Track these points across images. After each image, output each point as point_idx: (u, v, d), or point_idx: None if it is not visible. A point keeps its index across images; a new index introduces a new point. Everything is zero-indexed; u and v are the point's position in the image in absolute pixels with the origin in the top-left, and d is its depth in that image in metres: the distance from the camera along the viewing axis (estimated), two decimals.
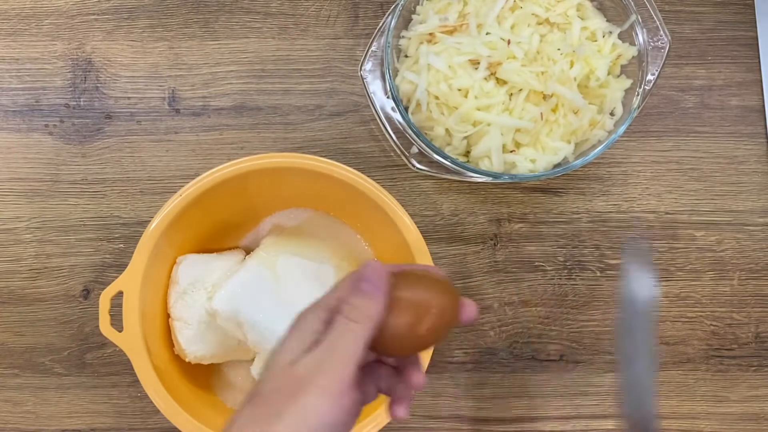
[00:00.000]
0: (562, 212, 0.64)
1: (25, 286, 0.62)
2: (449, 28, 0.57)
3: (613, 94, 0.59)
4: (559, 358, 0.63)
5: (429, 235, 0.63)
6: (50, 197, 0.63)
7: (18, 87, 0.64)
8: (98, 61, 0.65)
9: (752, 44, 0.67)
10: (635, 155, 0.65)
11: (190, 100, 0.64)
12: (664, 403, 0.63)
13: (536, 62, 0.56)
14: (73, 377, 0.61)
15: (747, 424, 0.63)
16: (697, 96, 0.66)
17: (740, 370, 0.63)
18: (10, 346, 0.62)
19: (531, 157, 0.57)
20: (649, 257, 0.40)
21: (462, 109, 0.56)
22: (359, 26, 0.66)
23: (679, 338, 0.63)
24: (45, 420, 0.61)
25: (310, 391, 0.33)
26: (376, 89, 0.60)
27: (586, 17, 0.60)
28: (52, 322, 0.62)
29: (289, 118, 0.65)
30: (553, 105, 0.57)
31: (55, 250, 0.62)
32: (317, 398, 0.33)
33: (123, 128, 0.64)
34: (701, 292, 0.64)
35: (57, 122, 0.64)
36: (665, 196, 0.65)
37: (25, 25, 0.65)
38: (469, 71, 0.56)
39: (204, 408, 0.55)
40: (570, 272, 0.64)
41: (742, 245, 0.64)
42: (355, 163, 0.63)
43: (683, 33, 0.67)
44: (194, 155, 0.64)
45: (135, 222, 0.63)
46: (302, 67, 0.65)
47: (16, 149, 0.64)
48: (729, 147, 0.66)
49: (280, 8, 0.66)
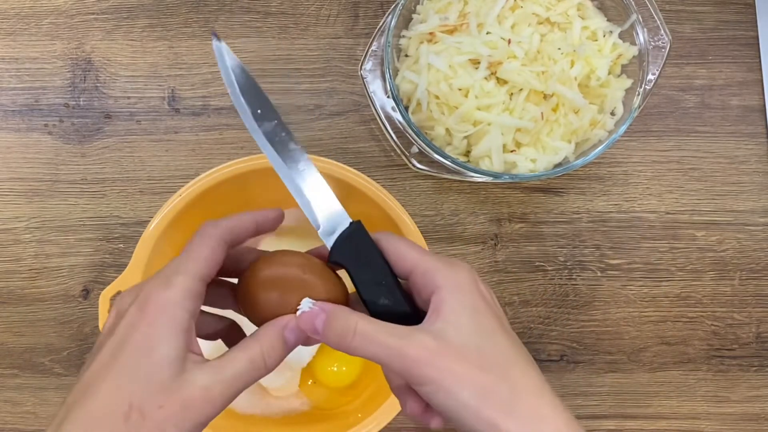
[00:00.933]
0: (562, 212, 0.64)
1: (24, 286, 0.62)
2: (449, 27, 0.57)
3: (613, 94, 0.59)
4: (559, 358, 0.63)
5: (429, 235, 0.63)
6: (50, 197, 0.63)
7: (17, 87, 0.64)
8: (98, 61, 0.65)
9: (753, 44, 0.67)
10: (636, 155, 0.65)
11: (189, 99, 0.64)
12: (664, 403, 0.63)
13: (537, 62, 0.56)
14: (73, 377, 0.61)
15: (748, 424, 0.63)
16: (697, 96, 0.66)
17: (741, 370, 0.63)
18: (9, 347, 0.61)
19: (531, 156, 0.57)
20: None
21: (462, 108, 0.55)
22: (359, 26, 0.66)
23: (679, 338, 0.63)
24: (45, 420, 0.61)
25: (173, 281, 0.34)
26: (376, 89, 0.60)
27: (587, 17, 0.60)
28: (51, 322, 0.62)
29: (289, 118, 0.64)
30: (553, 105, 0.56)
31: (54, 250, 0.62)
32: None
33: (122, 128, 0.64)
34: (702, 292, 0.64)
35: (56, 122, 0.64)
36: (666, 195, 0.65)
37: (24, 24, 0.65)
38: (469, 71, 0.56)
39: None
40: (570, 272, 0.64)
41: (742, 245, 0.64)
42: (355, 163, 0.63)
43: (684, 32, 0.67)
44: (194, 155, 0.64)
45: (134, 222, 0.63)
46: (302, 67, 0.65)
47: (15, 149, 0.64)
48: (730, 147, 0.66)
49: (280, 8, 0.66)
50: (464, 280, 0.36)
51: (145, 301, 0.33)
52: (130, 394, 0.31)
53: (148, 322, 0.33)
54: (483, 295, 0.36)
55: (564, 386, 0.63)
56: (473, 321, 0.35)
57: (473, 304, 0.35)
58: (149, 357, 0.32)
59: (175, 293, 0.33)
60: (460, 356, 0.33)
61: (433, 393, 0.33)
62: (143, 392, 0.31)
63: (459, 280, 0.35)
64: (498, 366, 0.34)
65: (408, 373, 0.34)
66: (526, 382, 0.34)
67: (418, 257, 0.36)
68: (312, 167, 0.39)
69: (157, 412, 0.31)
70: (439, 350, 0.33)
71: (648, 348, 0.63)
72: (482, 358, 0.34)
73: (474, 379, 0.33)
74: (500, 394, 0.33)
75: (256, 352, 0.34)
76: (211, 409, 0.33)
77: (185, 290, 0.34)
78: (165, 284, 0.34)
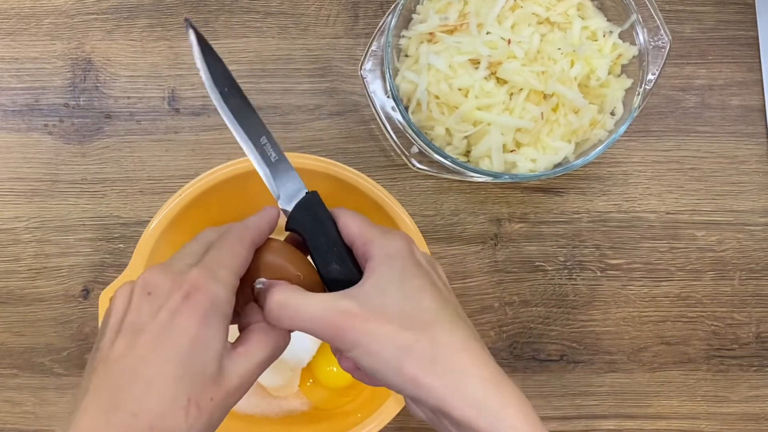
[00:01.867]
0: (562, 212, 0.64)
1: (24, 286, 0.62)
2: (449, 27, 0.57)
3: (613, 94, 0.59)
4: (559, 358, 0.63)
5: (429, 235, 0.63)
6: (49, 197, 0.63)
7: (17, 87, 0.64)
8: (98, 61, 0.65)
9: (753, 44, 0.67)
10: (636, 155, 0.65)
11: (189, 99, 0.64)
12: (664, 403, 0.63)
13: (537, 62, 0.56)
14: (73, 377, 0.61)
15: (748, 424, 0.63)
16: (697, 96, 0.66)
17: (741, 370, 0.63)
18: (9, 346, 0.61)
19: (531, 156, 0.57)
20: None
21: (462, 108, 0.55)
22: (359, 26, 0.66)
23: (679, 338, 0.63)
24: (44, 420, 0.61)
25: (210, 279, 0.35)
26: (376, 89, 0.60)
27: (587, 17, 0.60)
28: (51, 322, 0.62)
29: (288, 118, 0.64)
30: (553, 105, 0.56)
31: (54, 250, 0.62)
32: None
33: (122, 128, 0.64)
34: (702, 292, 0.64)
35: (56, 122, 0.64)
36: (666, 195, 0.65)
37: (24, 24, 0.65)
38: (469, 71, 0.56)
39: None
40: (570, 272, 0.64)
41: (742, 245, 0.64)
42: (355, 163, 0.63)
43: (684, 32, 0.67)
44: (194, 155, 0.64)
45: (134, 222, 0.63)
46: (302, 67, 0.65)
47: (15, 149, 0.64)
48: (730, 147, 0.66)
49: (280, 8, 0.66)
50: (396, 248, 0.38)
51: (195, 290, 0.34)
52: (189, 389, 0.33)
53: (201, 317, 0.34)
54: (416, 261, 0.38)
55: (564, 386, 0.63)
56: (399, 285, 0.36)
57: (402, 268, 0.37)
58: (205, 354, 0.34)
59: (224, 289, 0.35)
60: (382, 318, 0.35)
61: (359, 357, 0.35)
62: (200, 387, 0.33)
63: (391, 249, 0.38)
64: (421, 324, 0.35)
65: (336, 341, 0.36)
66: (449, 338, 0.35)
67: (360, 228, 0.39)
68: (272, 140, 0.41)
69: (209, 404, 0.33)
70: (362, 314, 0.35)
71: (648, 348, 0.63)
72: (404, 319, 0.35)
73: (395, 339, 0.35)
74: (421, 351, 0.34)
75: (276, 335, 0.37)
76: (244, 393, 0.36)
77: (231, 286, 0.36)
78: (213, 277, 0.35)
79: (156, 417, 0.32)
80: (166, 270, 0.36)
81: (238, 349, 0.36)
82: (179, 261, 0.36)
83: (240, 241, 0.38)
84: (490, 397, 0.34)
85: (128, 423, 0.32)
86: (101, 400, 0.32)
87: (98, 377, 0.33)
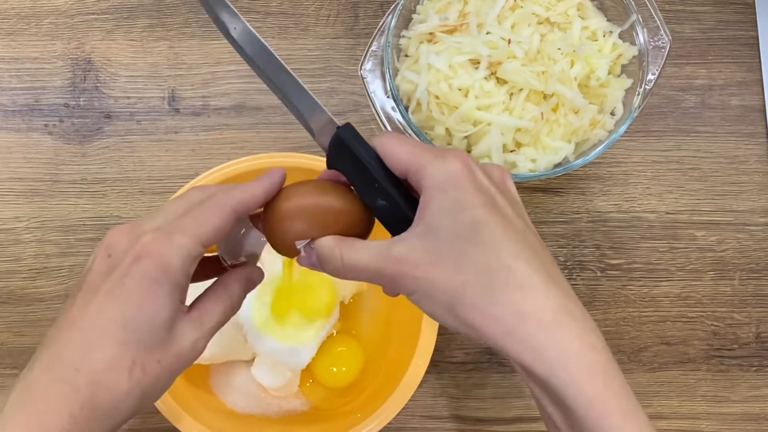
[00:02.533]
0: (562, 212, 0.64)
1: (24, 286, 0.62)
2: (449, 27, 0.57)
3: (613, 94, 0.59)
4: None
5: None
6: (50, 197, 0.63)
7: (17, 87, 0.64)
8: (98, 61, 0.65)
9: (753, 44, 0.67)
10: (636, 155, 0.65)
11: (190, 99, 0.64)
12: (664, 404, 0.63)
13: (536, 62, 0.56)
14: None
15: (748, 424, 0.63)
16: (697, 96, 0.66)
17: (741, 370, 0.63)
18: (9, 346, 0.61)
19: (531, 156, 0.57)
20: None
21: (462, 108, 0.55)
22: (359, 26, 0.66)
23: (679, 338, 0.63)
24: None
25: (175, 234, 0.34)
26: (376, 89, 0.60)
27: (587, 17, 0.60)
28: (51, 322, 0.61)
29: (289, 118, 0.64)
30: (553, 105, 0.56)
31: (54, 250, 0.62)
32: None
33: (122, 128, 0.64)
34: (702, 292, 0.64)
35: (56, 122, 0.64)
36: (666, 195, 0.65)
37: (24, 24, 0.65)
38: (469, 71, 0.56)
39: (203, 408, 0.55)
40: (570, 272, 0.64)
41: (742, 245, 0.64)
42: None
43: (684, 33, 0.67)
44: (194, 155, 0.64)
45: None
46: (302, 67, 0.65)
47: (15, 149, 0.64)
48: (730, 147, 0.66)
49: (280, 8, 0.66)
50: (449, 174, 0.33)
51: (145, 255, 0.33)
52: (135, 351, 0.33)
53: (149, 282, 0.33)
54: (476, 185, 0.34)
55: None
56: (452, 220, 0.33)
57: (456, 200, 0.33)
58: (150, 321, 0.33)
59: (178, 256, 0.34)
60: (436, 261, 0.33)
61: (417, 301, 0.34)
62: (145, 350, 0.33)
63: (443, 176, 0.33)
64: (476, 265, 0.32)
65: (394, 288, 0.35)
66: (507, 277, 0.32)
67: (408, 155, 0.35)
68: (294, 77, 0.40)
69: (155, 366, 0.34)
70: (413, 260, 0.33)
71: (648, 348, 0.63)
72: (459, 259, 0.33)
73: (448, 283, 0.33)
74: (476, 295, 0.32)
75: (227, 304, 0.37)
76: (195, 358, 0.36)
77: (188, 254, 0.34)
78: (168, 243, 0.34)
79: (97, 372, 0.32)
80: (130, 230, 0.35)
81: (192, 313, 0.36)
82: (149, 221, 0.35)
83: (215, 208, 0.35)
84: (548, 341, 0.31)
85: (69, 376, 0.32)
86: (47, 353, 0.34)
87: (51, 333, 0.34)
